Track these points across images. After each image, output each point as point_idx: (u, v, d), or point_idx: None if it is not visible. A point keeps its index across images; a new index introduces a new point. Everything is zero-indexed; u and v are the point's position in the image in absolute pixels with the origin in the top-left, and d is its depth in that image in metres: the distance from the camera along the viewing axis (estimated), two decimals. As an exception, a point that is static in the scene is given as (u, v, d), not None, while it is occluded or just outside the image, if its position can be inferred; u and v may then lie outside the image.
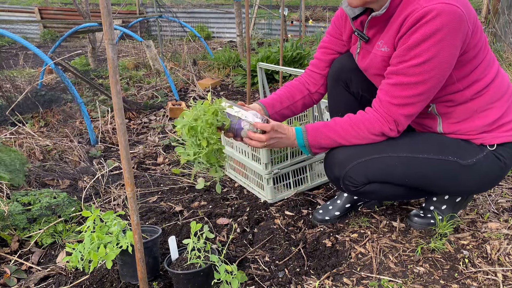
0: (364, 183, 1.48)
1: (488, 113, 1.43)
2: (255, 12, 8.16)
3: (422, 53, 1.27)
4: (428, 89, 1.33)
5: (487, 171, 1.46)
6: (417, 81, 1.31)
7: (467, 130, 1.45)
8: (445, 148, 1.45)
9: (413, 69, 1.30)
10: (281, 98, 1.73)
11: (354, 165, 1.45)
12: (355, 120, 1.45)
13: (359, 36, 1.51)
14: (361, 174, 1.46)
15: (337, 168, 1.50)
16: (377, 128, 1.42)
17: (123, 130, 1.03)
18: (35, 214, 1.76)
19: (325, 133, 1.48)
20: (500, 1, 5.02)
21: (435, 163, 1.43)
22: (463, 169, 1.43)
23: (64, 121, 3.24)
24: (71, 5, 10.41)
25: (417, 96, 1.34)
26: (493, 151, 1.44)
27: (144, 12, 9.41)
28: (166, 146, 2.85)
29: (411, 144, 1.46)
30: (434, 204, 1.67)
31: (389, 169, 1.45)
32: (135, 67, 5.49)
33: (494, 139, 1.44)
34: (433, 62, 1.27)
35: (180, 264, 1.38)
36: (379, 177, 1.47)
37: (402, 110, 1.37)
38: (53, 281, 1.51)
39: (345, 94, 1.73)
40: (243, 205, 2.00)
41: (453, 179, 1.46)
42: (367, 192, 1.51)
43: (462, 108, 1.43)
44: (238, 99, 4.10)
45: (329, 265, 1.51)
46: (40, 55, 2.80)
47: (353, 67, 1.64)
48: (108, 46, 0.95)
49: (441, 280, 1.41)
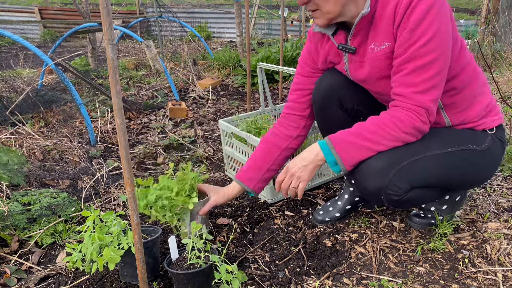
0: (407, 189, 1.38)
1: (482, 97, 1.48)
2: (255, 12, 8.16)
3: (427, 29, 1.25)
4: (443, 65, 1.29)
5: (497, 154, 1.50)
6: (431, 60, 1.27)
7: (472, 117, 1.47)
8: (462, 138, 1.45)
9: (423, 48, 1.27)
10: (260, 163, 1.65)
11: (396, 172, 1.35)
12: (384, 121, 1.35)
13: (344, 49, 1.45)
14: (404, 180, 1.36)
15: (377, 179, 1.36)
16: (408, 125, 1.32)
17: (123, 130, 1.03)
18: (35, 214, 1.76)
19: (354, 142, 1.35)
20: (500, 1, 5.02)
21: (462, 154, 1.42)
22: (481, 155, 1.45)
23: (64, 121, 3.24)
24: (71, 5, 10.41)
25: (437, 75, 1.29)
26: (494, 135, 1.49)
27: (144, 12, 9.41)
28: (166, 146, 2.85)
29: (438, 140, 1.43)
30: (434, 205, 1.67)
31: (429, 170, 1.39)
32: (135, 67, 5.49)
33: (492, 123, 1.49)
34: (439, 36, 1.26)
35: (180, 264, 1.38)
36: (421, 180, 1.40)
37: (428, 95, 1.30)
38: (53, 281, 1.51)
39: (338, 112, 1.65)
40: (243, 205, 2.00)
41: (475, 167, 1.47)
42: (408, 200, 1.41)
43: (463, 95, 1.44)
44: (238, 99, 4.10)
45: (329, 265, 1.51)
46: (40, 55, 2.80)
47: (344, 82, 1.58)
48: (108, 46, 0.95)
49: (441, 280, 1.41)
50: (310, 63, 1.65)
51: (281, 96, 3.93)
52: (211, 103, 3.95)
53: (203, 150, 2.73)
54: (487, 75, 3.99)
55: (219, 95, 4.28)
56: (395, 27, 1.31)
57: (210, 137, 3.02)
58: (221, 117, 3.53)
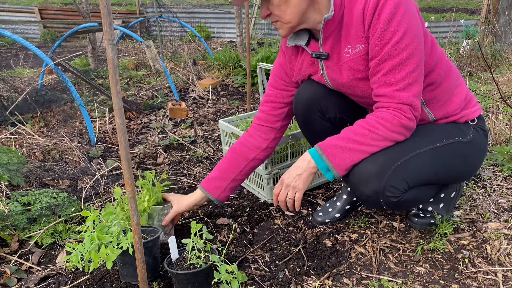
0: (405, 190, 1.37)
1: (459, 90, 1.51)
2: (255, 12, 8.16)
3: (398, 27, 1.26)
4: (419, 60, 1.31)
5: (481, 143, 1.52)
6: (408, 55, 1.29)
7: (453, 110, 1.50)
8: (448, 132, 1.47)
9: (398, 46, 1.28)
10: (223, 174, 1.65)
11: (391, 173, 1.33)
12: (370, 122, 1.35)
13: (318, 56, 1.46)
14: (401, 180, 1.35)
15: (373, 182, 1.34)
16: (395, 124, 1.33)
17: (123, 130, 1.03)
18: (35, 214, 1.76)
19: (343, 146, 1.35)
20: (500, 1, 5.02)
21: (450, 147, 1.44)
22: (467, 146, 1.46)
23: (64, 121, 3.24)
24: (71, 5, 10.41)
25: (414, 70, 1.31)
26: (476, 126, 1.52)
27: (144, 12, 9.41)
28: (166, 146, 2.85)
29: (426, 137, 1.43)
30: (431, 205, 1.67)
31: (422, 167, 1.39)
32: (135, 67, 5.49)
33: (473, 114, 1.53)
34: (411, 32, 1.27)
35: (180, 264, 1.38)
36: (416, 178, 1.39)
37: (410, 91, 1.32)
38: (53, 281, 1.51)
39: (322, 123, 1.64)
40: (243, 205, 2.00)
41: (464, 159, 1.48)
42: (407, 201, 1.41)
43: (442, 89, 1.47)
44: (238, 99, 4.11)
45: (329, 265, 1.51)
46: (40, 55, 2.81)
47: (323, 92, 1.57)
48: (108, 46, 0.95)
49: (441, 280, 1.41)
50: (283, 76, 1.65)
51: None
52: (211, 103, 3.95)
53: (203, 150, 2.73)
54: (487, 75, 3.99)
55: (219, 95, 4.28)
56: (365, 29, 1.32)
57: (210, 137, 3.02)
58: (221, 117, 3.53)
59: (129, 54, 6.78)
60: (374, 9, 1.28)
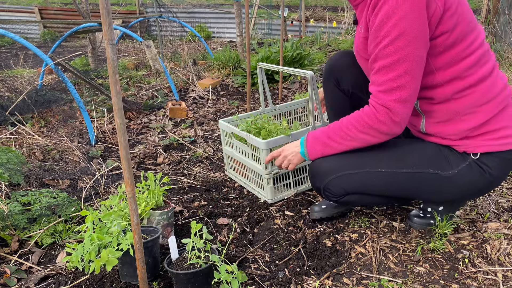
0: (342, 194, 1.54)
1: (472, 117, 1.35)
2: (255, 12, 8.16)
3: (390, 30, 1.25)
4: (409, 67, 1.27)
5: (470, 181, 1.41)
6: (395, 60, 1.27)
7: (449, 133, 1.40)
8: (427, 160, 1.43)
9: (388, 48, 1.27)
10: None
11: (331, 179, 1.51)
12: (345, 122, 1.46)
13: (354, 18, 1.56)
14: (338, 187, 1.52)
15: (317, 180, 1.57)
16: (364, 125, 1.39)
17: (123, 130, 1.03)
18: (35, 214, 1.76)
19: (320, 138, 1.53)
20: (500, 1, 5.02)
21: (415, 176, 1.44)
22: (444, 180, 1.42)
23: (64, 121, 3.24)
24: (71, 5, 10.41)
25: (400, 77, 1.28)
26: (477, 160, 1.39)
27: (144, 12, 9.41)
28: (166, 146, 2.85)
29: (392, 158, 1.46)
30: (431, 205, 1.67)
31: (367, 183, 1.49)
32: (135, 67, 5.49)
33: (477, 148, 1.37)
34: (404, 37, 1.24)
35: (180, 264, 1.38)
36: (357, 190, 1.53)
37: (391, 95, 1.31)
38: (53, 281, 1.51)
39: (335, 91, 1.80)
40: (243, 205, 2.00)
41: (434, 189, 1.46)
42: (347, 201, 1.58)
43: (443, 107, 1.38)
44: (238, 99, 4.10)
45: (329, 265, 1.51)
46: (40, 55, 2.81)
47: (343, 65, 1.71)
48: (108, 46, 0.95)
49: (441, 280, 1.41)
50: None
51: (281, 96, 3.93)
52: (211, 103, 3.95)
53: (203, 150, 2.73)
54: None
55: (219, 95, 4.28)
56: (367, 18, 1.36)
57: (210, 137, 3.02)
58: (221, 117, 3.53)
59: (129, 54, 6.78)
60: (374, 5, 1.28)
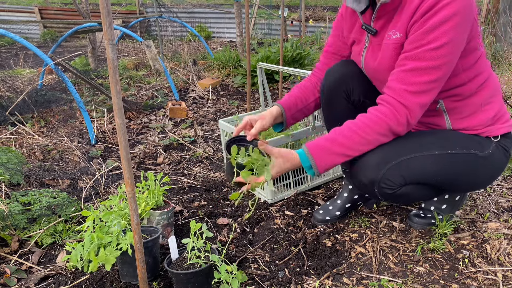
0: (401, 184, 1.41)
1: (490, 107, 1.46)
2: (255, 12, 8.16)
3: (440, 36, 1.24)
4: (443, 75, 1.29)
5: (498, 161, 1.48)
6: (434, 66, 1.27)
7: (475, 125, 1.46)
8: (465, 141, 1.45)
9: (431, 52, 1.26)
10: (296, 100, 1.68)
11: (390, 167, 1.38)
12: (359, 125, 1.36)
13: (367, 29, 1.47)
14: (398, 176, 1.39)
15: (371, 171, 1.40)
16: (383, 126, 1.34)
17: (123, 130, 1.03)
18: (35, 214, 1.76)
19: (330, 148, 1.37)
20: (500, 1, 5.02)
21: (461, 157, 1.42)
22: (481, 160, 1.44)
23: (64, 121, 3.24)
24: (71, 5, 10.41)
25: (433, 82, 1.29)
26: (498, 143, 1.47)
27: (144, 12, 9.41)
28: (166, 146, 2.85)
29: (439, 141, 1.44)
30: (434, 204, 1.67)
31: (425, 168, 1.40)
32: (135, 67, 5.49)
33: (497, 130, 1.47)
34: (450, 46, 1.25)
35: (180, 264, 1.38)
36: (415, 177, 1.42)
37: (418, 98, 1.31)
38: (53, 281, 1.51)
39: (343, 104, 1.67)
40: (243, 205, 2.00)
41: (474, 172, 1.47)
42: (401, 194, 1.45)
43: (469, 102, 1.44)
44: (238, 99, 4.10)
45: (329, 265, 1.51)
46: (40, 55, 2.80)
47: (354, 73, 1.61)
48: (108, 46, 0.95)
49: (441, 280, 1.41)
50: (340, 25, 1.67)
51: (281, 96, 3.93)
52: (211, 103, 3.95)
53: (203, 150, 2.73)
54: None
55: (219, 95, 4.28)
56: (411, 23, 1.31)
57: (210, 137, 3.02)
58: (221, 117, 3.53)
59: (129, 54, 6.78)
60: (431, 7, 1.25)
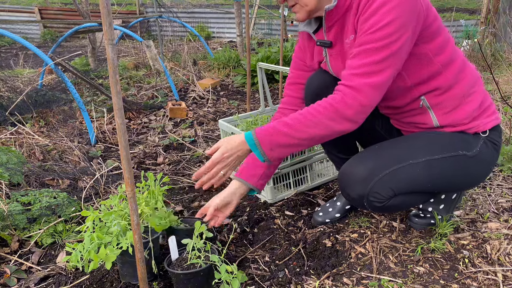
0: (390, 196, 1.40)
1: (473, 97, 1.43)
2: (255, 12, 8.16)
3: (381, 18, 1.23)
4: (392, 53, 1.24)
5: (488, 157, 1.47)
6: (379, 46, 1.23)
7: (461, 118, 1.43)
8: (452, 143, 1.43)
9: (373, 35, 1.24)
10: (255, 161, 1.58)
11: (377, 181, 1.37)
12: (310, 108, 1.33)
13: (321, 44, 1.48)
14: (387, 188, 1.38)
15: (359, 186, 1.40)
16: (330, 109, 1.28)
17: (123, 130, 1.03)
18: (35, 214, 1.76)
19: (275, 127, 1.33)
20: (500, 1, 5.02)
21: (450, 160, 1.41)
22: (471, 160, 1.43)
23: (64, 121, 3.24)
24: (71, 5, 10.41)
25: (381, 62, 1.24)
26: (487, 137, 1.46)
27: (144, 12, 9.42)
28: (166, 146, 2.85)
29: (425, 146, 1.43)
30: (431, 205, 1.67)
31: (414, 177, 1.39)
32: (135, 67, 5.49)
33: (485, 125, 1.45)
34: (393, 25, 1.22)
35: (180, 264, 1.38)
36: (404, 188, 1.41)
37: (366, 79, 1.25)
38: (53, 281, 1.51)
39: None
40: (243, 205, 2.00)
41: (465, 173, 1.46)
42: (392, 205, 1.44)
43: (450, 95, 1.41)
44: (238, 99, 4.11)
45: (329, 265, 1.51)
46: (40, 55, 2.80)
47: (331, 81, 1.56)
48: (108, 46, 0.95)
49: (441, 280, 1.41)
50: (302, 56, 1.68)
51: (281, 96, 3.92)
52: (211, 103, 3.95)
53: (203, 150, 2.73)
54: (487, 75, 3.98)
55: (219, 95, 4.28)
56: (356, 19, 1.32)
57: (210, 137, 3.02)
58: (221, 117, 3.53)
59: (129, 54, 6.78)
60: (364, 4, 1.27)
